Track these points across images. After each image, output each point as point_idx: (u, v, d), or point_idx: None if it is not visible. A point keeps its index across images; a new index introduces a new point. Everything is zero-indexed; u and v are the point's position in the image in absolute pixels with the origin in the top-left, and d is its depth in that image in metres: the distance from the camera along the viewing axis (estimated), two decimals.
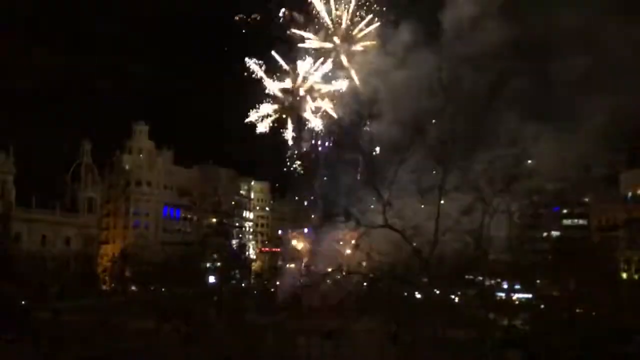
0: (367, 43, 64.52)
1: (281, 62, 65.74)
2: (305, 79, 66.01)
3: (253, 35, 65.81)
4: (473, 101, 31.36)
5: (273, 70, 66.67)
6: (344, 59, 65.50)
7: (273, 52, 65.09)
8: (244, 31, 66.01)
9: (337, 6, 65.75)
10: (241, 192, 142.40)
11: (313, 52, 65.69)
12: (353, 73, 64.82)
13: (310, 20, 65.68)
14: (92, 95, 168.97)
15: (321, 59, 65.38)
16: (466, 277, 35.90)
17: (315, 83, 66.39)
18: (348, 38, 65.85)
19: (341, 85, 64.62)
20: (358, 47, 65.57)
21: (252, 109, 67.64)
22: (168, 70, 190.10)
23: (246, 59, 65.49)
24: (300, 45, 65.27)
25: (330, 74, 65.97)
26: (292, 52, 65.78)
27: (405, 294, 38.07)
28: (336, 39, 65.91)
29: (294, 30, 64.99)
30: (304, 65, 65.35)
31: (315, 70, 65.79)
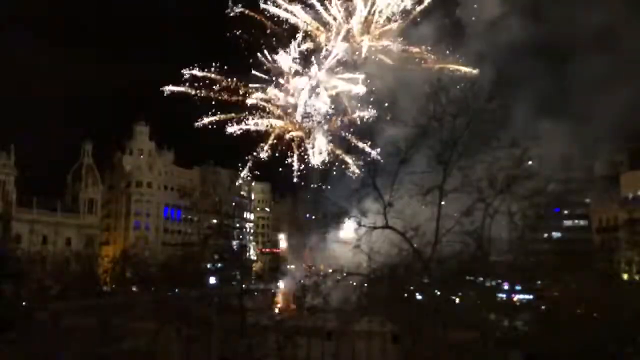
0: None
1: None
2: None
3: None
4: (476, 101, 31.34)
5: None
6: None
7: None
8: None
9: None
10: (242, 192, 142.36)
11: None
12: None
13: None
14: (94, 96, 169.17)
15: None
16: (467, 278, 35.83)
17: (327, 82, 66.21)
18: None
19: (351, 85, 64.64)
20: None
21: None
22: (169, 70, 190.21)
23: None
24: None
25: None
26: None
27: (406, 295, 38.02)
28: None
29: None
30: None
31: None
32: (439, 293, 34.73)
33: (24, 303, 56.76)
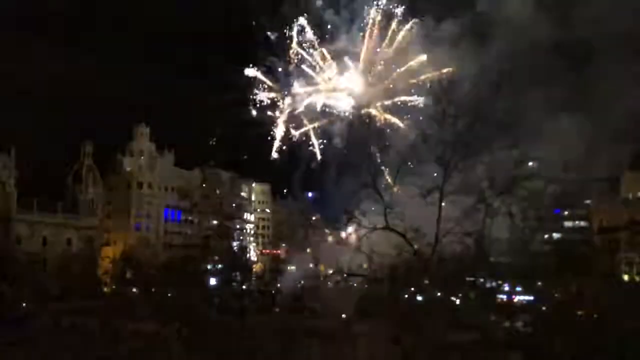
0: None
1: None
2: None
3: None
4: (477, 103, 31.35)
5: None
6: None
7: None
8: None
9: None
10: (242, 193, 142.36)
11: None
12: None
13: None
14: (94, 97, 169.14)
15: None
16: (467, 278, 35.83)
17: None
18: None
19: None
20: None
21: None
22: (169, 71, 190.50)
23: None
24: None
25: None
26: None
27: (407, 295, 38.03)
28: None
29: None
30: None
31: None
32: (439, 294, 34.73)
33: (24, 304, 56.74)
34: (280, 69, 65.21)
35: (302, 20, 60.72)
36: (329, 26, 62.60)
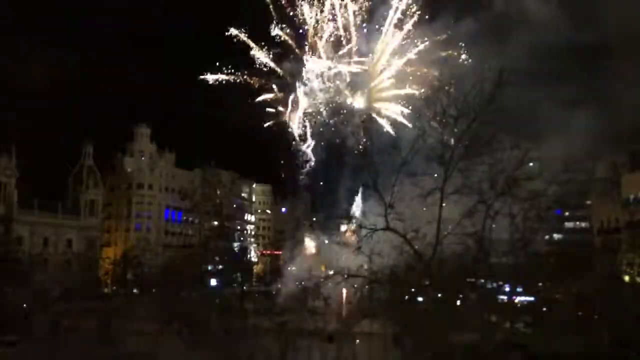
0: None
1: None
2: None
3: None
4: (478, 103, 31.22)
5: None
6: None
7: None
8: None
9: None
10: (243, 194, 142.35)
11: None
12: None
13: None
14: (94, 98, 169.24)
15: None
16: (468, 279, 35.74)
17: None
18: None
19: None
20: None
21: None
22: (170, 73, 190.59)
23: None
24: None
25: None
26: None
27: (407, 297, 37.95)
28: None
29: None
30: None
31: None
32: (439, 295, 34.65)
33: (25, 305, 56.77)
34: (288, 69, 66.15)
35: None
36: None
